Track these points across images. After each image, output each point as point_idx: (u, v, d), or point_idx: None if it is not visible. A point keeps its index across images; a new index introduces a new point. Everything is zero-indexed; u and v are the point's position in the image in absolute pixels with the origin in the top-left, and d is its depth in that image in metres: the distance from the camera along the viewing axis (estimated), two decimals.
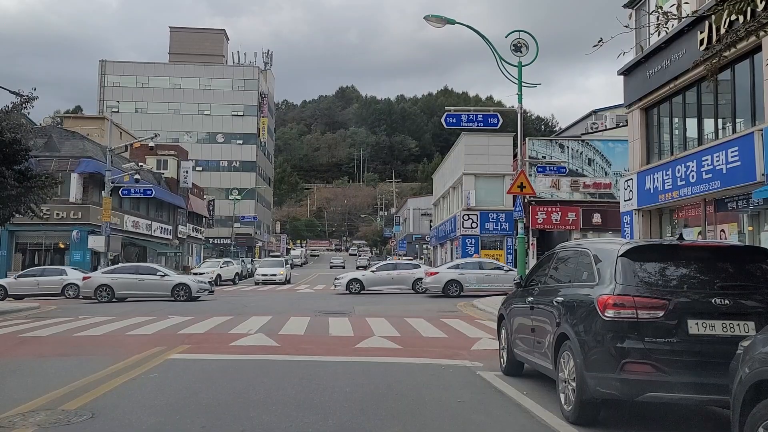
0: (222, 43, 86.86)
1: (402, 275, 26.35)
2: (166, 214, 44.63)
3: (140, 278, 22.70)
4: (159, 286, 22.56)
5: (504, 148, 32.73)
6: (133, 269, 23.91)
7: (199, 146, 75.93)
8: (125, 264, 27.00)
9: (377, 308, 18.82)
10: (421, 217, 74.40)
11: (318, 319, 14.73)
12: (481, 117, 16.96)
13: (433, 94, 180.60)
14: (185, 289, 22.45)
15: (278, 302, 21.29)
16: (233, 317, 15.02)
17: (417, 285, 25.75)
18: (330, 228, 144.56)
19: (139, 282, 22.63)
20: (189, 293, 22.38)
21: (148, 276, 22.82)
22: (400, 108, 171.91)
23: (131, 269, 23.91)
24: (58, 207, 30.50)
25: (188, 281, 23.08)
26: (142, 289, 22.64)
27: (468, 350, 10.06)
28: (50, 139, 30.94)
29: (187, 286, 22.57)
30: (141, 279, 22.68)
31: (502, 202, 32.56)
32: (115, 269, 24.12)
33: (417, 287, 25.70)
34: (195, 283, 23.00)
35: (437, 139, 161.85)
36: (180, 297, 22.25)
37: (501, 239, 32.58)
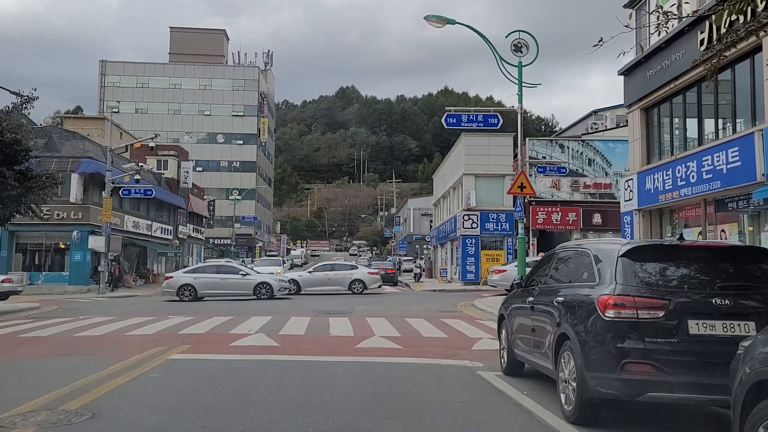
0: (222, 44, 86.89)
1: (339, 276, 26.25)
2: (167, 215, 44.62)
3: (222, 277, 23.06)
4: (241, 285, 22.90)
5: (504, 149, 32.71)
6: (215, 268, 24.30)
7: (200, 146, 75.89)
8: (207, 263, 27.24)
9: (378, 308, 18.82)
10: (422, 218, 74.28)
11: (318, 320, 14.73)
12: (481, 117, 16.96)
13: (434, 95, 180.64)
14: (267, 287, 22.85)
15: (278, 303, 21.29)
16: (233, 317, 15.03)
17: (354, 286, 25.74)
18: (330, 228, 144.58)
19: (222, 281, 22.97)
20: (271, 292, 22.77)
21: (230, 275, 23.19)
22: (400, 108, 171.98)
23: (212, 269, 24.37)
24: (58, 207, 30.47)
25: (270, 280, 23.51)
26: (224, 288, 22.95)
27: (468, 350, 10.06)
28: (51, 139, 30.92)
29: (269, 284, 22.98)
30: (223, 278, 23.03)
31: (502, 203, 32.53)
32: (197, 269, 24.69)
33: (354, 288, 25.67)
34: (277, 282, 23.45)
35: (437, 140, 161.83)
36: (262, 295, 22.64)
37: (501, 239, 32.56)
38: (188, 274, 23.38)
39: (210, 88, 77.99)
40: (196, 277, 22.91)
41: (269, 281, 23.25)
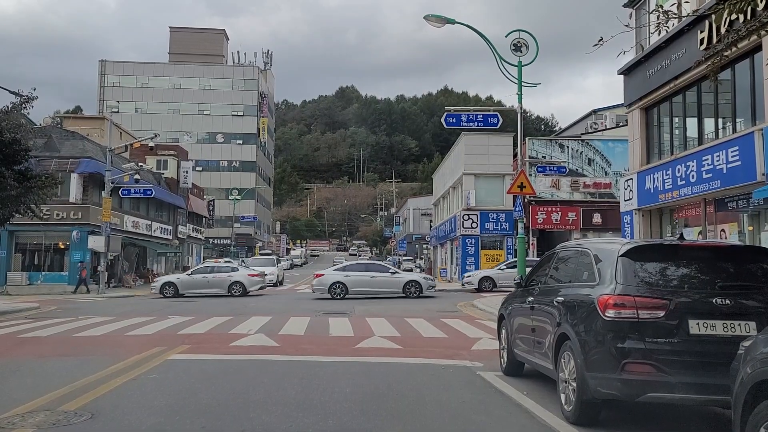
0: (222, 43, 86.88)
1: (218, 278, 25.64)
2: (166, 215, 44.61)
3: (372, 275, 23.28)
4: (390, 283, 23.17)
5: (504, 148, 32.71)
6: (364, 267, 24.72)
7: (199, 146, 75.88)
8: (356, 262, 27.18)
9: (377, 308, 18.81)
10: (421, 217, 74.30)
11: (318, 320, 14.72)
12: (481, 117, 16.95)
13: (433, 94, 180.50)
14: (416, 286, 23.13)
15: (278, 303, 21.28)
16: (233, 317, 15.01)
17: (233, 288, 25.18)
18: (330, 228, 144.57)
19: (371, 279, 23.21)
20: (420, 290, 23.02)
21: (380, 273, 23.51)
22: (400, 108, 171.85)
23: (362, 267, 24.78)
24: (58, 207, 30.46)
25: (419, 279, 23.74)
26: (373, 286, 23.18)
27: (468, 350, 10.04)
28: (50, 139, 30.89)
29: (418, 283, 23.28)
30: (373, 276, 23.24)
31: (502, 202, 32.53)
32: (347, 267, 24.90)
33: (233, 290, 25.13)
34: (425, 281, 23.71)
35: (437, 139, 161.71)
36: (411, 294, 22.86)
37: (501, 239, 32.55)
38: (339, 272, 23.53)
39: (210, 88, 77.97)
40: (348, 275, 23.16)
41: (419, 280, 23.70)
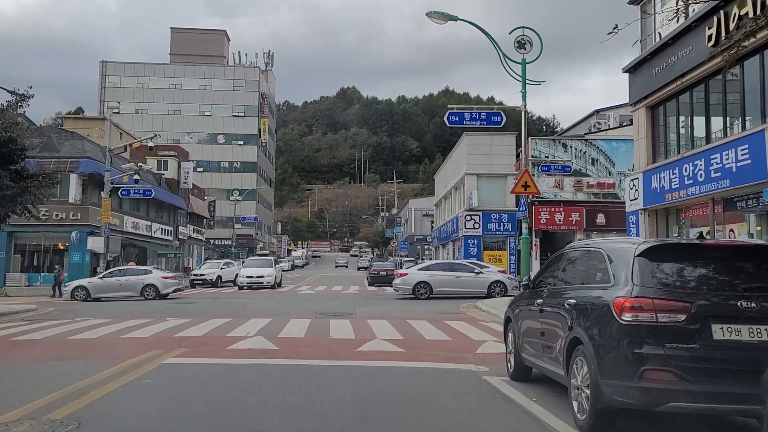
0: (223, 44, 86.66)
1: (130, 281, 24.75)
2: (167, 215, 44.37)
3: (457, 275, 22.87)
4: (475, 284, 22.73)
5: (507, 148, 32.43)
6: (448, 266, 24.23)
7: (200, 147, 75.66)
8: (440, 261, 26.75)
9: (379, 310, 18.54)
10: (423, 218, 74.03)
11: (319, 322, 14.45)
12: (484, 115, 16.68)
13: (434, 95, 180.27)
14: (501, 286, 22.74)
15: (279, 304, 21.01)
16: (232, 319, 14.74)
17: (146, 291, 24.30)
18: (331, 229, 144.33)
19: (456, 279, 22.83)
20: (505, 290, 22.56)
21: (464, 273, 23.11)
22: (401, 109, 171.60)
23: (446, 266, 24.30)
24: (57, 208, 30.24)
25: (504, 279, 23.27)
26: (458, 287, 22.76)
27: (473, 353, 9.77)
28: (49, 139, 30.67)
29: (503, 284, 22.85)
30: (458, 276, 22.83)
31: (504, 203, 32.25)
32: (430, 266, 24.45)
33: (146, 293, 24.26)
34: (509, 281, 23.27)
35: (438, 140, 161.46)
36: (496, 294, 22.47)
37: (504, 240, 32.27)
38: (423, 272, 22.99)
39: (210, 89, 77.79)
40: (432, 275, 22.65)
41: (503, 280, 23.18)
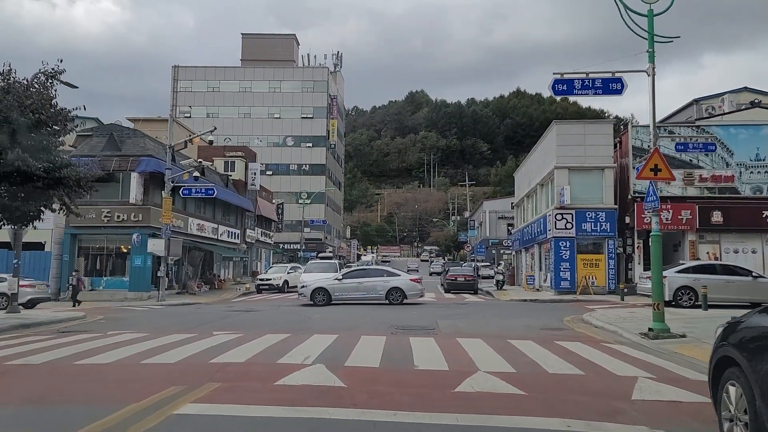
0: (292, 48, 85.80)
1: None
2: (234, 218, 42.94)
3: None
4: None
5: (603, 138, 28.45)
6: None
7: (269, 150, 74.91)
8: (702, 262, 23.44)
9: (466, 323, 15.44)
10: (498, 221, 70.03)
11: (396, 340, 11.52)
12: (599, 82, 13.28)
13: (505, 96, 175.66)
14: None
15: (347, 315, 18.27)
16: (290, 335, 12.06)
17: None
18: (401, 234, 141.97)
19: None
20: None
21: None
22: (471, 111, 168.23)
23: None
24: (118, 209, 28.99)
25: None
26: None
27: (628, 401, 6.55)
28: (111, 137, 29.50)
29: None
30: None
31: (601, 199, 28.28)
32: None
33: None
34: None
35: (510, 142, 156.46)
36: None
37: (600, 242, 28.27)
38: (684, 275, 20.15)
39: (279, 91, 76.98)
40: (697, 278, 19.72)
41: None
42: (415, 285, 22.64)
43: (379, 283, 22.33)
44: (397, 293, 22.12)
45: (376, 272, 23.33)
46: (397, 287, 22.18)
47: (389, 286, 22.19)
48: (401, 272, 23.63)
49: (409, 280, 22.74)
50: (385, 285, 22.23)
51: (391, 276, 22.77)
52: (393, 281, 22.38)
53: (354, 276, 22.96)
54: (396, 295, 22.09)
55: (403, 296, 22.21)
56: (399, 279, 22.59)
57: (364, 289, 22.27)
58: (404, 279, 22.66)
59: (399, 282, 22.40)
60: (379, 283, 22.31)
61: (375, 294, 22.24)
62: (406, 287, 22.29)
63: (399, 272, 23.51)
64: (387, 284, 22.24)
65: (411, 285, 22.56)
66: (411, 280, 22.87)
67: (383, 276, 22.69)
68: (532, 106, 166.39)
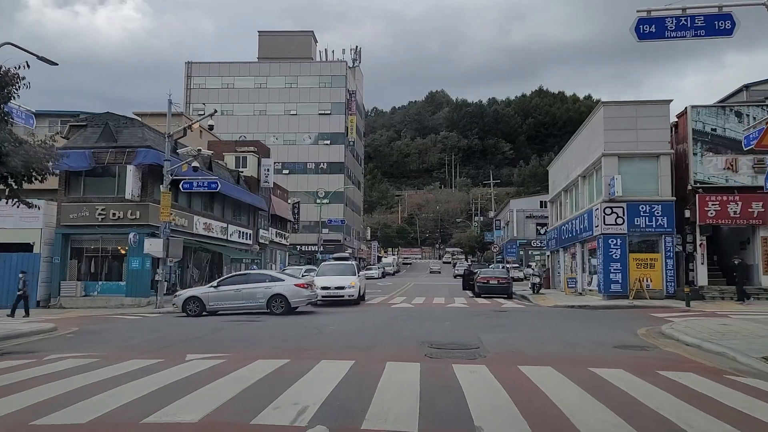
0: (310, 45, 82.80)
1: None
2: (246, 217, 40.07)
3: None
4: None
5: (658, 120, 24.91)
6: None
7: (285, 148, 72.17)
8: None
9: (516, 338, 12.17)
10: (526, 220, 66.45)
11: (435, 369, 8.30)
12: (701, 20, 9.92)
13: (527, 95, 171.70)
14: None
15: (367, 326, 15.09)
16: (289, 361, 8.90)
17: None
18: (422, 235, 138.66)
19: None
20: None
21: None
22: (492, 110, 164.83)
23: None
24: (114, 206, 26.19)
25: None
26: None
27: None
28: (106, 127, 26.72)
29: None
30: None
31: (656, 190, 24.75)
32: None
33: None
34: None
35: (533, 142, 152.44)
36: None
37: (656, 239, 24.70)
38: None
39: (296, 86, 74.12)
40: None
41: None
42: (300, 291, 19.64)
43: (259, 289, 19.52)
44: (280, 301, 19.31)
45: (257, 278, 20.48)
46: (280, 294, 19.34)
47: (271, 293, 19.40)
48: (286, 277, 20.57)
49: (293, 285, 19.72)
50: (266, 292, 19.45)
51: (274, 281, 19.90)
52: (276, 287, 19.54)
53: (232, 282, 20.16)
54: (278, 303, 19.27)
55: (287, 305, 19.32)
56: (282, 285, 19.64)
57: (243, 297, 19.51)
58: (288, 285, 19.66)
59: (282, 288, 19.48)
60: (259, 290, 19.51)
61: (255, 302, 19.46)
62: (290, 294, 19.36)
63: (283, 277, 20.45)
64: (269, 291, 19.45)
65: (295, 291, 19.57)
66: (296, 285, 19.82)
67: (265, 282, 19.86)
68: (555, 104, 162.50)
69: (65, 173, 26.26)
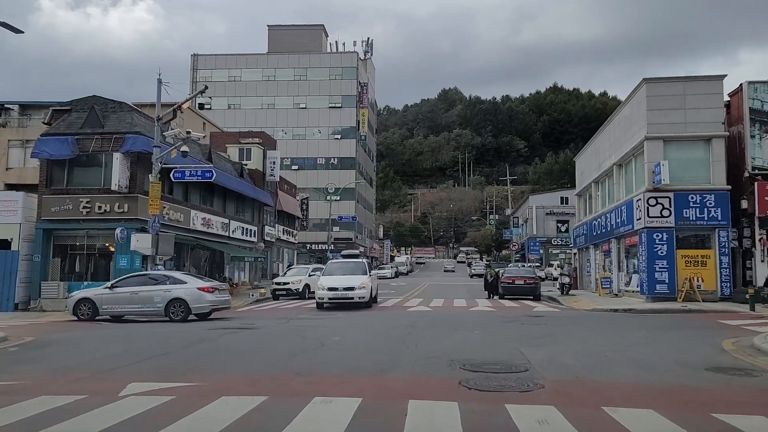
0: (321, 40, 79.95)
1: None
2: (250, 213, 37.52)
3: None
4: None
5: (710, 98, 21.93)
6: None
7: (295, 143, 69.58)
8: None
9: (569, 354, 9.41)
10: (546, 217, 63.35)
11: (480, 413, 5.56)
12: None
13: (541, 92, 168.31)
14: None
15: (378, 334, 12.39)
16: (267, 399, 6.18)
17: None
18: (436, 234, 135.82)
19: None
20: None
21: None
22: (506, 107, 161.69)
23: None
24: (100, 198, 23.71)
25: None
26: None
27: None
28: (92, 111, 24.23)
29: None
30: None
31: (708, 178, 21.80)
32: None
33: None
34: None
35: (548, 139, 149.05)
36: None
37: (708, 233, 21.74)
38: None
39: (305, 79, 71.41)
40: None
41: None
42: (203, 296, 17.22)
43: (157, 292, 17.26)
44: (179, 306, 17.06)
45: (157, 279, 18.09)
46: (180, 298, 17.06)
47: (170, 297, 17.11)
48: (189, 279, 18.02)
49: (195, 289, 17.31)
50: (165, 295, 17.19)
51: (175, 284, 17.50)
52: (176, 290, 17.20)
53: (129, 284, 17.78)
54: (177, 308, 17.04)
55: (187, 310, 17.03)
56: (183, 288, 17.27)
57: (140, 301, 17.30)
58: (190, 288, 17.28)
59: (182, 292, 17.14)
60: (157, 293, 17.25)
61: (152, 307, 17.24)
62: (191, 298, 17.04)
63: (186, 279, 17.96)
64: (168, 294, 17.18)
65: (197, 296, 17.16)
66: (200, 289, 17.37)
67: (165, 284, 17.52)
68: (570, 101, 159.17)
69: (46, 162, 23.88)
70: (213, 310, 17.82)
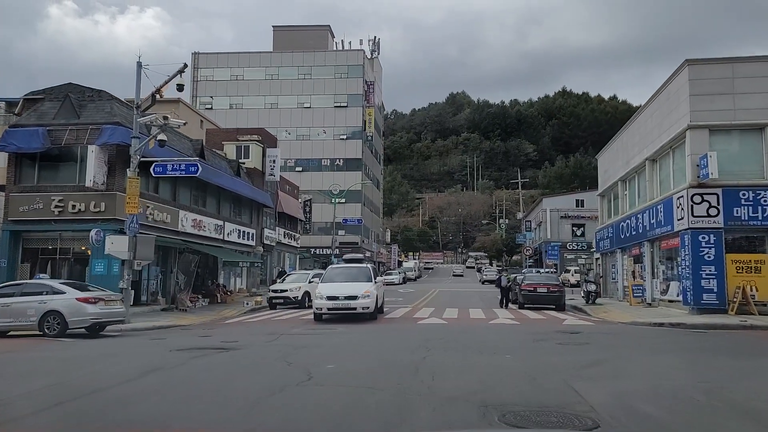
0: (326, 40, 77.43)
1: None
2: (248, 214, 35.04)
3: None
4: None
5: (763, 82, 19.21)
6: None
7: (298, 143, 67.07)
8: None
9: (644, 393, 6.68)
10: (561, 220, 60.56)
11: None
12: None
13: (550, 96, 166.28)
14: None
15: (382, 363, 9.76)
16: None
17: None
18: (444, 239, 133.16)
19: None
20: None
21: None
22: (515, 111, 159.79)
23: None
24: (74, 195, 21.27)
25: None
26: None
27: None
28: (66, 100, 21.81)
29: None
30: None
31: (762, 172, 19.10)
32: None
33: None
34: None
35: (557, 143, 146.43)
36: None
37: (763, 235, 19.00)
38: None
39: (310, 77, 68.92)
40: None
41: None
42: (82, 308, 15.05)
43: (32, 304, 15.13)
44: (55, 319, 14.92)
45: (34, 288, 15.90)
46: (55, 311, 14.93)
47: (45, 309, 14.97)
48: (68, 289, 15.64)
49: (74, 300, 15.12)
50: (39, 307, 15.08)
51: (54, 294, 15.29)
52: (52, 302, 15.06)
53: (2, 295, 15.57)
54: (53, 322, 14.93)
55: (64, 324, 14.89)
56: (60, 299, 15.10)
57: (11, 314, 15.17)
58: (68, 299, 15.12)
59: (60, 304, 15.02)
60: (32, 305, 15.14)
61: (26, 320, 15.16)
62: (68, 311, 14.92)
63: (65, 289, 15.60)
64: (42, 306, 15.04)
65: (76, 308, 15.00)
66: (79, 300, 15.15)
67: (42, 294, 15.35)
68: (579, 105, 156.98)
69: (14, 156, 21.52)
70: (97, 324, 15.54)
